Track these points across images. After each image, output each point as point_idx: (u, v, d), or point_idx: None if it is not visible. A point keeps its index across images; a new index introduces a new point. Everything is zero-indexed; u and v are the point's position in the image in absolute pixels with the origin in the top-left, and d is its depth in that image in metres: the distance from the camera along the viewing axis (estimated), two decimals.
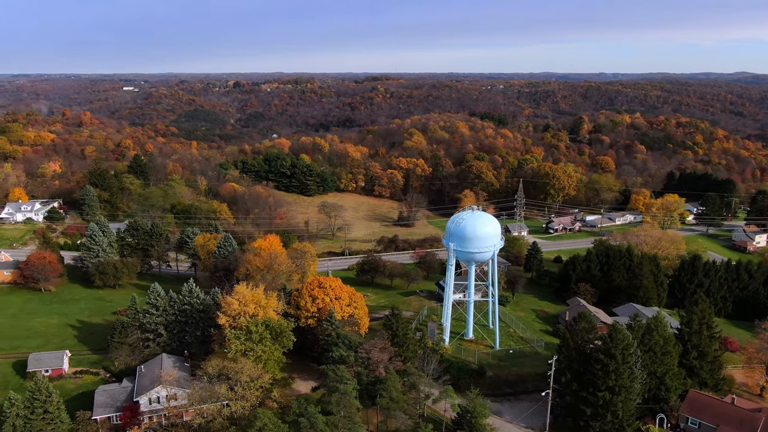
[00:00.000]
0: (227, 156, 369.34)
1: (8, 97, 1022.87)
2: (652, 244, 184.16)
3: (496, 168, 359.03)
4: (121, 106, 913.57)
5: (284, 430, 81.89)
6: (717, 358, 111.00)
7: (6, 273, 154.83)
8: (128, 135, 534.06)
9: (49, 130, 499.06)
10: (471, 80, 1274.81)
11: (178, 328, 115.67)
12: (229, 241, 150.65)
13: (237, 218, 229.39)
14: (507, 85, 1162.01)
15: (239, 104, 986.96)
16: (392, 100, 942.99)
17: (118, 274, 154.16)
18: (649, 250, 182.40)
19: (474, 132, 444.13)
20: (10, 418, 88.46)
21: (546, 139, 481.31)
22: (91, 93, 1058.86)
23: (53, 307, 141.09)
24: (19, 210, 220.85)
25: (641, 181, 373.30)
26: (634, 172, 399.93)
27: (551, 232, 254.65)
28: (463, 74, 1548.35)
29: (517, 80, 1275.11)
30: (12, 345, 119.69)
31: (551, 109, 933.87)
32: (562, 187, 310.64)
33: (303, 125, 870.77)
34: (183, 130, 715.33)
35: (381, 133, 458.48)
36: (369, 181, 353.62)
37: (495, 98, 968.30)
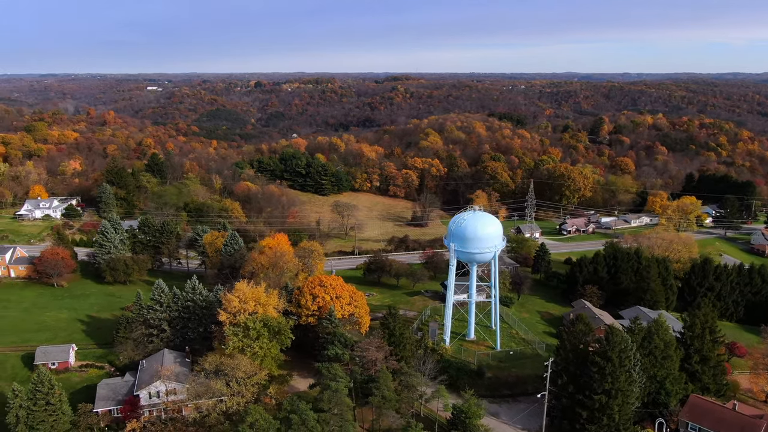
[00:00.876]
0: (244, 155, 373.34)
1: (36, 96, 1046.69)
2: (663, 246, 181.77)
3: (512, 169, 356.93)
4: (144, 105, 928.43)
5: (275, 426, 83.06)
6: (720, 363, 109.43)
7: (21, 268, 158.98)
8: (150, 134, 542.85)
9: (73, 129, 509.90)
10: (492, 80, 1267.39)
11: (181, 325, 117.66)
12: (235, 239, 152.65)
13: (249, 217, 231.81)
14: (528, 85, 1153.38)
15: (260, 104, 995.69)
16: (412, 100, 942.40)
17: (129, 270, 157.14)
18: (661, 253, 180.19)
19: (491, 132, 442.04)
20: (13, 409, 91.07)
21: (564, 139, 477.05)
22: (116, 92, 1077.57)
23: (64, 301, 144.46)
24: (38, 207, 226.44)
25: (661, 182, 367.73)
26: (654, 174, 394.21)
27: (564, 234, 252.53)
28: (484, 74, 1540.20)
29: (539, 80, 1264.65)
30: (22, 338, 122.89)
31: (573, 110, 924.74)
32: (577, 188, 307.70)
33: (323, 125, 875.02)
34: (204, 130, 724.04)
35: (397, 133, 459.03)
36: (384, 181, 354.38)
37: (516, 98, 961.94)
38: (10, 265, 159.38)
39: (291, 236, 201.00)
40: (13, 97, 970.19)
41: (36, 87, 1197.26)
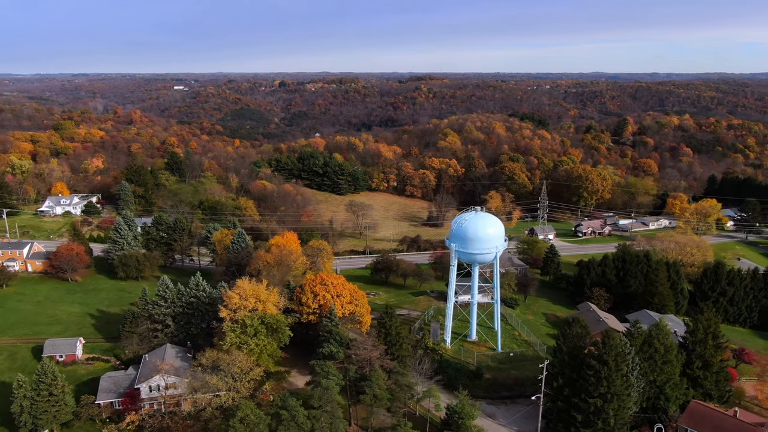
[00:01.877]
0: (263, 154, 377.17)
1: (67, 95, 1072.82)
2: (677, 250, 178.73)
3: (531, 170, 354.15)
4: (171, 104, 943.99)
5: (266, 422, 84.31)
6: (723, 368, 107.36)
7: (38, 263, 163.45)
8: (174, 133, 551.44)
9: (99, 127, 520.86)
10: (517, 80, 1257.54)
11: (185, 320, 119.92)
12: (242, 237, 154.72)
13: (263, 215, 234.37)
14: (554, 85, 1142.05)
15: (284, 103, 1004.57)
16: (435, 100, 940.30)
17: (140, 266, 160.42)
18: (674, 257, 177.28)
19: (511, 133, 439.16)
20: (18, 399, 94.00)
21: (586, 140, 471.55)
22: (144, 92, 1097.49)
23: (76, 296, 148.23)
24: (59, 203, 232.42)
25: (685, 185, 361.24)
26: (677, 176, 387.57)
27: (579, 236, 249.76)
28: (509, 74, 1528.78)
29: (565, 80, 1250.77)
30: (34, 331, 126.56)
31: (598, 110, 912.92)
32: (595, 189, 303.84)
33: (345, 124, 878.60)
34: (228, 129, 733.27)
35: (417, 133, 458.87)
36: (401, 181, 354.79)
37: (540, 99, 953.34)
38: (28, 260, 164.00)
39: (303, 235, 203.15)
40: (45, 96, 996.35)
41: (67, 86, 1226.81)
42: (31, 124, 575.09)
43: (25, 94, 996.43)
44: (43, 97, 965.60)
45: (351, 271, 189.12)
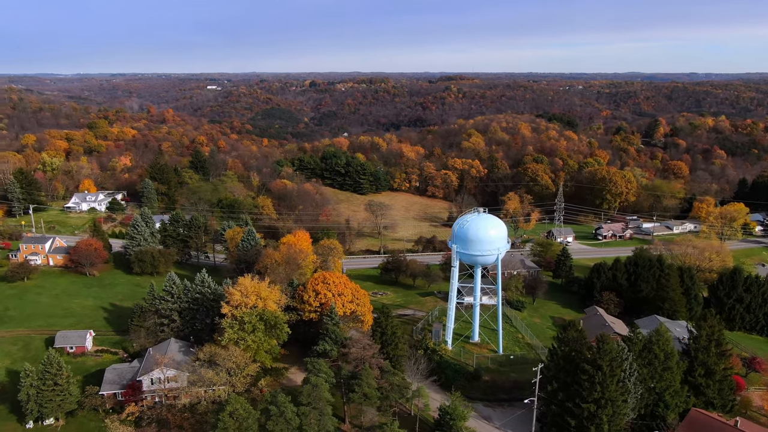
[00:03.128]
0: (286, 153, 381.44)
1: (105, 94, 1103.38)
2: (695, 254, 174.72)
3: (555, 171, 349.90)
4: (203, 104, 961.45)
5: (255, 416, 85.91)
6: (727, 376, 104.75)
7: (59, 257, 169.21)
8: (204, 132, 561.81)
9: (132, 126, 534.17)
10: (549, 81, 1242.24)
11: (190, 315, 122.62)
12: (252, 235, 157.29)
13: (281, 214, 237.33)
14: (587, 85, 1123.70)
15: (314, 103, 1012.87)
16: (464, 100, 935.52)
17: (155, 262, 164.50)
18: (693, 262, 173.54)
19: (536, 134, 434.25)
20: (24, 388, 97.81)
21: (615, 142, 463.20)
22: (179, 91, 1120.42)
23: (92, 290, 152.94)
24: (85, 200, 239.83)
25: (716, 188, 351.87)
26: (709, 179, 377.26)
27: (600, 239, 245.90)
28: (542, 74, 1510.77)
29: (599, 80, 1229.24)
30: (48, 322, 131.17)
31: (632, 111, 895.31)
32: (619, 192, 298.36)
33: (374, 124, 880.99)
34: (257, 128, 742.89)
35: (441, 133, 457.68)
36: (423, 181, 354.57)
37: (572, 99, 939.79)
38: (49, 254, 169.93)
39: (319, 234, 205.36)
40: (84, 96, 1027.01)
41: (105, 86, 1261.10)
42: (68, 122, 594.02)
43: (65, 94, 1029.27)
44: (82, 97, 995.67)
45: (363, 270, 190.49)
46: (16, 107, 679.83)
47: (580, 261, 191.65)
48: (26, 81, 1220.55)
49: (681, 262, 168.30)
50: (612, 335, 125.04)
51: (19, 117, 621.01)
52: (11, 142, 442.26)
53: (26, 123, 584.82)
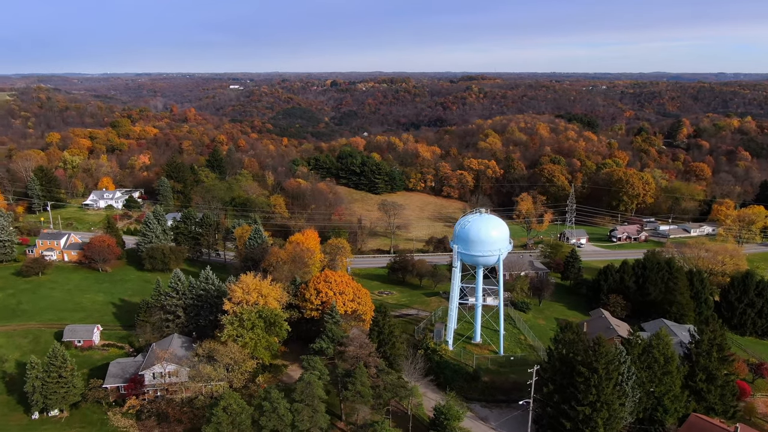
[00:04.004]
0: (303, 153, 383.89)
1: (130, 94, 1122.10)
2: (708, 258, 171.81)
3: (572, 172, 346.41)
4: (225, 103, 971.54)
5: (249, 412, 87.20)
6: (729, 382, 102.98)
7: (73, 253, 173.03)
8: (224, 131, 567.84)
9: (154, 125, 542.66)
10: (572, 81, 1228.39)
11: (195, 312, 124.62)
12: (258, 233, 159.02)
13: (293, 213, 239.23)
14: (610, 85, 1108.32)
15: (334, 102, 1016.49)
16: (485, 100, 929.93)
17: (166, 259, 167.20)
18: (706, 265, 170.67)
19: (555, 134, 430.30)
20: (30, 380, 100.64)
21: (636, 143, 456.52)
22: (202, 91, 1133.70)
23: (103, 285, 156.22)
24: (102, 197, 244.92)
25: (739, 190, 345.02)
26: (732, 181, 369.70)
27: (614, 241, 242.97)
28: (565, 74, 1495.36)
29: (623, 81, 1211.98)
30: (59, 316, 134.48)
31: (656, 112, 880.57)
32: (636, 194, 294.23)
33: (394, 124, 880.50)
34: (278, 127, 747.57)
35: (459, 134, 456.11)
36: (438, 181, 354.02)
37: (594, 99, 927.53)
38: (64, 250, 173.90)
39: (331, 233, 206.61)
40: (110, 95, 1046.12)
41: (131, 85, 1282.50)
42: (93, 121, 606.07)
43: (91, 93, 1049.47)
44: (108, 96, 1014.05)
45: (372, 269, 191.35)
46: (43, 106, 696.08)
47: (591, 263, 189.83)
48: (54, 80, 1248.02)
49: (693, 266, 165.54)
50: (615, 338, 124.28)
51: (45, 116, 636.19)
52: (37, 140, 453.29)
53: (52, 121, 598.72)
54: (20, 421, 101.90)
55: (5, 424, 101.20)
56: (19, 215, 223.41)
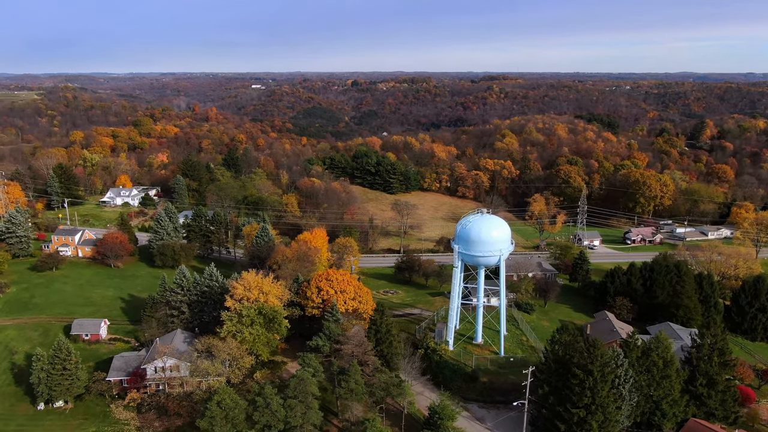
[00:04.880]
0: (318, 152, 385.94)
1: (155, 93, 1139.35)
2: (721, 261, 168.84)
3: (590, 173, 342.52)
4: (247, 102, 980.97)
5: (242, 407, 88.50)
6: (730, 387, 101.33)
7: (87, 249, 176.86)
8: (244, 130, 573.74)
9: (175, 124, 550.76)
10: (595, 81, 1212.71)
11: (199, 308, 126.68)
12: (265, 232, 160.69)
13: (306, 212, 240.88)
14: (634, 85, 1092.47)
15: (355, 102, 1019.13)
16: (506, 100, 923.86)
17: (176, 255, 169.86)
18: (720, 268, 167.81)
19: (573, 135, 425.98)
20: (36, 372, 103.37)
21: (657, 144, 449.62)
22: (224, 90, 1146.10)
23: (114, 281, 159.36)
24: (119, 195, 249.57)
25: (762, 192, 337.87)
26: (755, 183, 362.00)
27: (628, 243, 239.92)
28: (588, 74, 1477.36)
29: (648, 81, 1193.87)
30: (68, 310, 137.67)
31: (681, 112, 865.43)
32: (653, 195, 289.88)
33: (414, 124, 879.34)
34: (298, 127, 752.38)
35: (476, 134, 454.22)
36: (454, 181, 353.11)
37: (617, 100, 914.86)
38: (79, 246, 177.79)
39: (342, 232, 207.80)
40: (135, 94, 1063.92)
41: (155, 85, 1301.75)
42: (117, 120, 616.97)
43: (117, 92, 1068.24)
44: (133, 95, 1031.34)
45: (380, 269, 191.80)
46: (69, 105, 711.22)
47: (602, 265, 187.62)
48: (81, 80, 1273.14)
49: (706, 269, 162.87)
50: (618, 341, 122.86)
51: (71, 114, 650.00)
52: (61, 138, 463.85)
53: (78, 120, 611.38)
54: (26, 411, 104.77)
55: (12, 414, 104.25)
56: (38, 212, 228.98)
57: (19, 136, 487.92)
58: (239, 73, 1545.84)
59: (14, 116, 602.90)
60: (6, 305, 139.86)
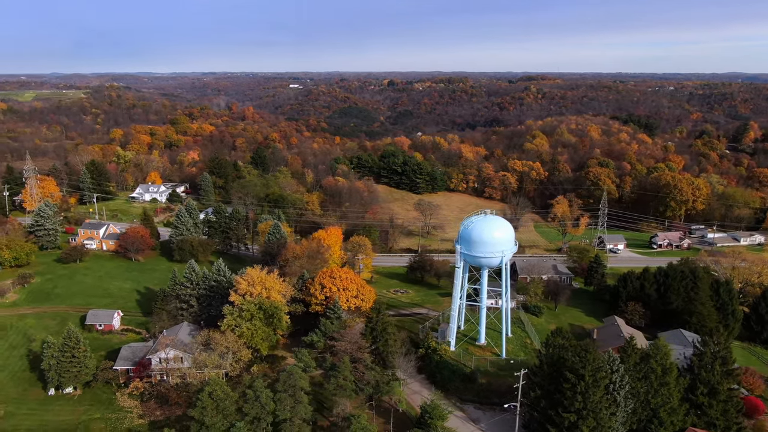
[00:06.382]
0: (346, 151, 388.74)
1: (196, 92, 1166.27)
2: (745, 268, 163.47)
3: (622, 176, 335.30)
4: (284, 102, 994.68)
5: (233, 398, 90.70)
6: (733, 397, 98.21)
7: (111, 242, 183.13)
8: (279, 129, 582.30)
9: (211, 122, 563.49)
10: (638, 81, 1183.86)
11: (207, 302, 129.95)
12: (278, 229, 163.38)
13: (326, 210, 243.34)
14: (678, 86, 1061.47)
15: (391, 102, 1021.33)
16: (543, 100, 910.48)
17: (194, 251, 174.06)
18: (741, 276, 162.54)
19: (606, 136, 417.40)
20: (46, 358, 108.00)
21: (695, 147, 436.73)
22: (263, 90, 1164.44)
23: (132, 274, 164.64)
24: (147, 191, 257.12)
25: None
26: None
27: (654, 248, 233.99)
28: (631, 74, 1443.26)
29: (693, 81, 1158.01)
30: (86, 301, 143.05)
31: (726, 114, 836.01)
32: (685, 199, 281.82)
33: (449, 124, 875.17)
34: (332, 126, 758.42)
35: (506, 134, 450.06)
36: (481, 182, 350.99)
37: (660, 101, 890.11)
38: (103, 240, 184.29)
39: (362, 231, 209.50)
40: (176, 93, 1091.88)
41: (197, 84, 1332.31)
42: (157, 118, 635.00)
43: (160, 91, 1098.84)
44: (175, 94, 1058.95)
45: (396, 268, 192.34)
46: (112, 103, 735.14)
47: (623, 269, 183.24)
48: (127, 79, 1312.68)
49: (727, 275, 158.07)
50: None
51: (114, 113, 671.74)
52: (102, 136, 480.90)
53: (120, 118, 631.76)
54: (38, 396, 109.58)
55: (25, 398, 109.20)
56: (71, 206, 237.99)
57: (63, 134, 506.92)
58: (278, 73, 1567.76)
59: (61, 114, 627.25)
60: (29, 295, 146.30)
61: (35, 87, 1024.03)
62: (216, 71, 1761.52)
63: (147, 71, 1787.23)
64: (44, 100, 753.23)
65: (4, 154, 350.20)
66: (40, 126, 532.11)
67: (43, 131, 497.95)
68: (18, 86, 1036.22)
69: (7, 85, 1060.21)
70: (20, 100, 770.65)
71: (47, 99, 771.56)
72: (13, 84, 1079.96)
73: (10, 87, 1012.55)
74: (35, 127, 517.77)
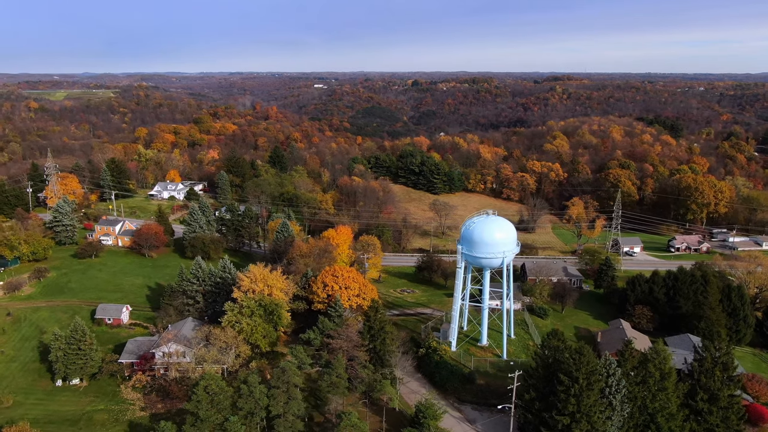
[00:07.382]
0: (364, 151, 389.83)
1: (222, 92, 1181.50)
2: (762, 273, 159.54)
3: (643, 178, 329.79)
4: (308, 101, 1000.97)
5: (228, 393, 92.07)
6: (734, 404, 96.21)
7: (126, 239, 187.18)
8: (300, 128, 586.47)
9: (234, 122, 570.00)
10: (667, 81, 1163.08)
11: (212, 298, 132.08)
12: (285, 227, 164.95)
13: (340, 210, 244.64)
14: (709, 86, 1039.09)
15: (414, 102, 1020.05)
16: (569, 101, 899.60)
17: (206, 248, 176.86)
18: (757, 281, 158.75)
19: (629, 138, 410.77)
20: (54, 350, 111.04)
21: (722, 149, 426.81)
22: (287, 89, 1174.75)
23: (145, 270, 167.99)
24: (166, 189, 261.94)
25: None
26: None
27: (672, 251, 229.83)
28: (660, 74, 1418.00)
29: (724, 82, 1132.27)
30: (98, 296, 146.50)
31: (758, 115, 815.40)
32: (706, 202, 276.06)
33: (473, 124, 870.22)
34: (355, 126, 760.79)
35: (526, 135, 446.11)
36: (499, 183, 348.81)
37: (688, 102, 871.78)
38: (119, 236, 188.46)
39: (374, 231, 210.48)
40: (203, 93, 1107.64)
41: (223, 84, 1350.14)
42: (182, 117, 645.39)
43: (187, 91, 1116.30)
44: (201, 94, 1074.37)
45: (406, 268, 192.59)
46: (140, 103, 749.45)
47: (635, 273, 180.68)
48: (155, 79, 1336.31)
49: (739, 280, 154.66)
50: None
51: (141, 112, 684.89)
52: (128, 134, 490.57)
53: (146, 117, 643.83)
54: (46, 387, 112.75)
55: (33, 388, 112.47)
56: (91, 203, 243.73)
57: (91, 132, 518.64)
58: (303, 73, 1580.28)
59: (90, 113, 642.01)
60: (44, 288, 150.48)
61: (67, 86, 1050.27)
62: (243, 71, 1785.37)
63: (176, 71, 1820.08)
64: (75, 100, 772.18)
65: (33, 151, 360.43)
66: (70, 125, 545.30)
67: (72, 130, 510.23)
68: (51, 85, 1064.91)
69: (41, 84, 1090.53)
70: (52, 99, 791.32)
71: (78, 98, 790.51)
72: (46, 83, 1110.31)
73: (43, 86, 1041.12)
74: (65, 126, 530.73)
